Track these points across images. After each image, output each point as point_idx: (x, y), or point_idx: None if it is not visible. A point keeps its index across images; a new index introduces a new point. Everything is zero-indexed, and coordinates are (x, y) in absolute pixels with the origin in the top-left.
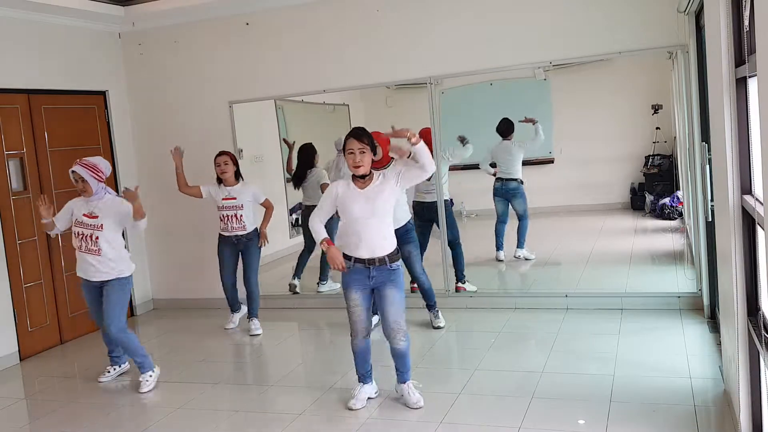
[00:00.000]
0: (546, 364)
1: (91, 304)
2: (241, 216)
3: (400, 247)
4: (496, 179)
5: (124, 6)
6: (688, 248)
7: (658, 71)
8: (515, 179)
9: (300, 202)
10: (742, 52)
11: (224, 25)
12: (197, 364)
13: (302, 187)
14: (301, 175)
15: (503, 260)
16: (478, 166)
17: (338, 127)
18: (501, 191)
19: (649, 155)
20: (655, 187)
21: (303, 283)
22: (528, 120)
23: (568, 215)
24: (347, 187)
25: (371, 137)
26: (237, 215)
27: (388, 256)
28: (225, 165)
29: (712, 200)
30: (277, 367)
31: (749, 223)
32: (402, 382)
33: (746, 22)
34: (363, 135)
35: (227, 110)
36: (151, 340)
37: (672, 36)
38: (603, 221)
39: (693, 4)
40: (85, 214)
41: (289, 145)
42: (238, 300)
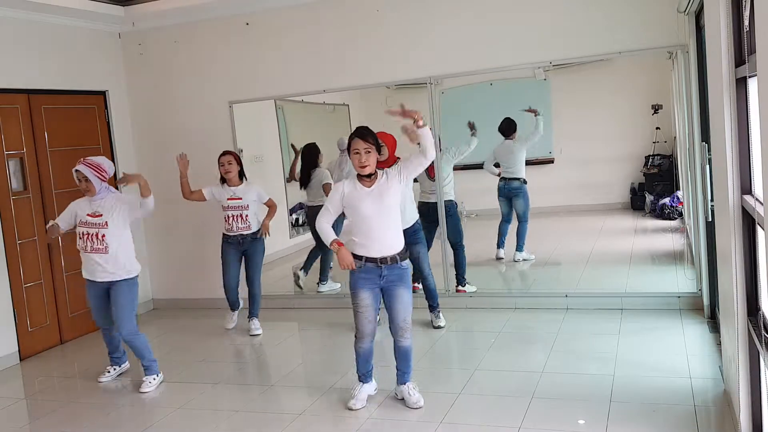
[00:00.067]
0: (546, 364)
1: (96, 305)
2: (246, 216)
3: (408, 247)
4: (500, 179)
5: (124, 6)
6: (688, 248)
7: (658, 71)
8: (518, 179)
9: (300, 202)
10: (742, 52)
11: (224, 25)
12: (197, 364)
13: (306, 187)
14: (306, 176)
15: (503, 258)
16: (478, 166)
17: (338, 127)
18: (504, 191)
19: (649, 155)
20: (655, 187)
21: (303, 283)
22: (531, 110)
23: (568, 215)
24: (354, 187)
25: (376, 137)
26: (242, 215)
27: (398, 255)
28: (229, 165)
29: (712, 200)
30: (277, 367)
31: (749, 223)
32: (402, 383)
33: (746, 22)
34: (368, 135)
35: (227, 110)
36: (152, 340)
37: (672, 36)
38: (603, 221)
39: (693, 4)
40: (89, 214)
41: (296, 151)
42: (239, 299)
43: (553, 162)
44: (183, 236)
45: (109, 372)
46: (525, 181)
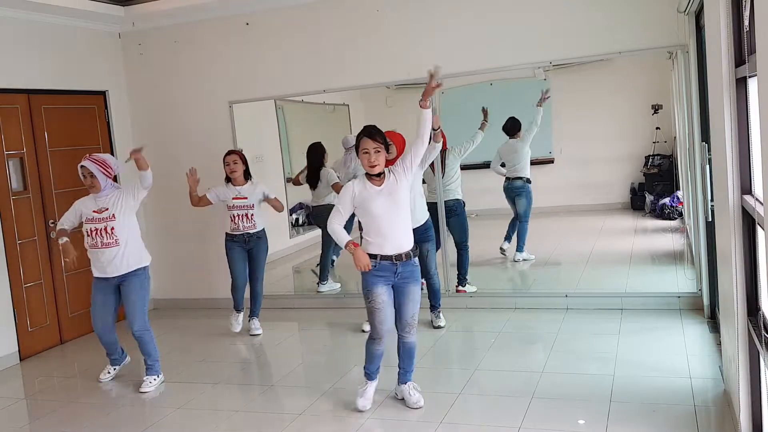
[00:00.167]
0: (546, 364)
1: (102, 303)
2: (252, 215)
3: (418, 245)
4: (505, 179)
5: (124, 6)
6: (688, 248)
7: (658, 71)
8: (520, 178)
9: (300, 202)
10: (742, 52)
11: (224, 25)
12: (197, 364)
13: (315, 188)
14: (314, 176)
15: (505, 250)
16: (478, 166)
17: (338, 127)
18: (507, 190)
19: (649, 155)
20: (655, 187)
21: (303, 283)
22: (545, 98)
23: (568, 215)
24: (364, 187)
25: (384, 136)
26: (248, 215)
27: (411, 251)
28: (234, 164)
29: (712, 200)
30: (277, 368)
31: (749, 223)
32: (403, 382)
33: (746, 22)
34: (377, 134)
35: (227, 110)
36: None
37: (672, 36)
38: (603, 221)
39: (693, 4)
40: (94, 211)
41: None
42: (243, 299)
43: (553, 162)
44: (183, 236)
45: (110, 372)
46: (528, 180)
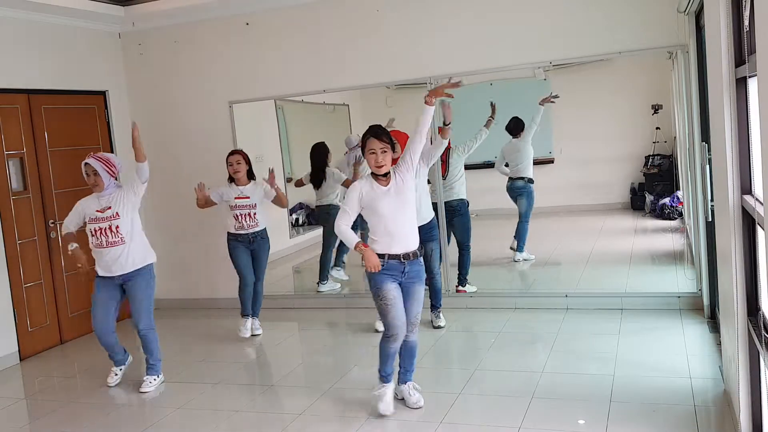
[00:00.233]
0: (546, 364)
1: (104, 303)
2: (255, 215)
3: (423, 244)
4: (508, 179)
5: (124, 6)
6: (688, 248)
7: (658, 71)
8: (522, 178)
9: (300, 202)
10: (742, 52)
11: (224, 25)
12: (197, 364)
13: (320, 188)
14: (318, 176)
15: (513, 249)
16: (478, 166)
17: (338, 127)
18: (510, 190)
19: (649, 155)
20: (655, 187)
21: (303, 283)
22: (553, 97)
23: (568, 215)
24: (371, 187)
25: (390, 136)
26: (250, 214)
27: (418, 250)
28: (237, 164)
29: (712, 200)
30: (277, 368)
31: (749, 223)
32: (404, 382)
33: (746, 22)
34: (383, 134)
35: (227, 110)
36: None
37: (672, 36)
38: (603, 221)
39: (693, 4)
40: (98, 210)
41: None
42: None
43: (553, 162)
44: (183, 236)
45: (116, 375)
46: (530, 180)
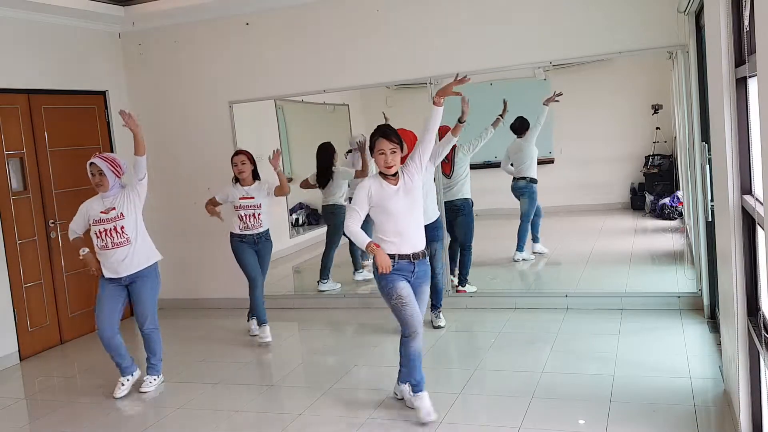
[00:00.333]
0: (546, 364)
1: (109, 305)
2: (259, 215)
3: (428, 243)
4: (512, 178)
5: (124, 6)
6: (688, 248)
7: (658, 71)
8: (524, 178)
9: (300, 202)
10: (742, 52)
11: (224, 25)
12: (197, 364)
13: (325, 187)
14: (326, 175)
15: (542, 253)
16: (479, 166)
17: (338, 127)
18: (513, 189)
19: (649, 155)
20: (655, 187)
21: (303, 283)
22: (557, 95)
23: (568, 215)
24: (380, 186)
25: (399, 135)
26: (255, 214)
27: (425, 249)
28: (242, 165)
29: (712, 200)
30: (277, 368)
31: (749, 223)
32: (404, 382)
33: (746, 22)
34: (392, 134)
35: (227, 110)
36: None
37: (672, 36)
38: (603, 221)
39: (693, 4)
40: (102, 212)
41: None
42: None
43: (553, 162)
44: (183, 236)
45: (123, 384)
46: (532, 180)
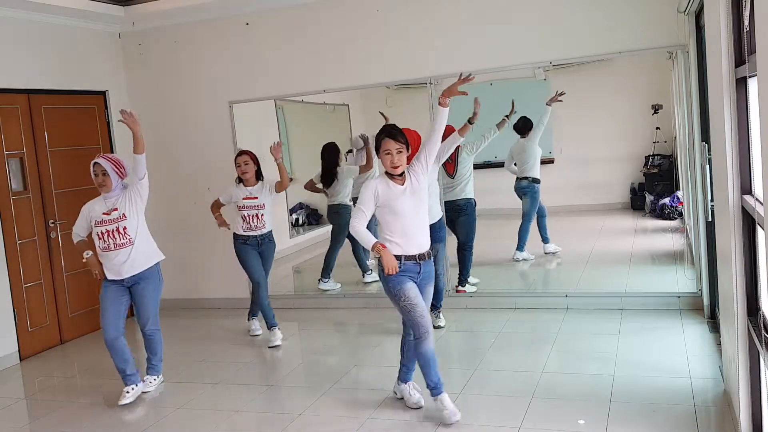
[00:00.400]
0: (546, 364)
1: (114, 308)
2: (262, 215)
3: (431, 244)
4: (515, 178)
5: (124, 6)
6: (688, 248)
7: (658, 71)
8: (526, 177)
9: (300, 202)
10: (742, 52)
11: (224, 25)
12: (197, 364)
13: (330, 187)
14: (331, 175)
15: (552, 253)
16: (479, 166)
17: (338, 127)
18: (516, 189)
19: (649, 155)
20: (655, 187)
21: (303, 283)
22: (560, 95)
23: (568, 215)
24: (387, 186)
25: (405, 135)
26: (258, 215)
27: (431, 250)
28: (245, 165)
29: (712, 200)
30: (277, 368)
31: (749, 223)
32: (404, 381)
33: (746, 22)
34: (398, 134)
35: (227, 110)
36: None
37: (672, 36)
38: (603, 221)
39: (693, 4)
40: (104, 213)
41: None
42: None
43: (553, 162)
44: (182, 236)
45: (129, 393)
46: (534, 180)
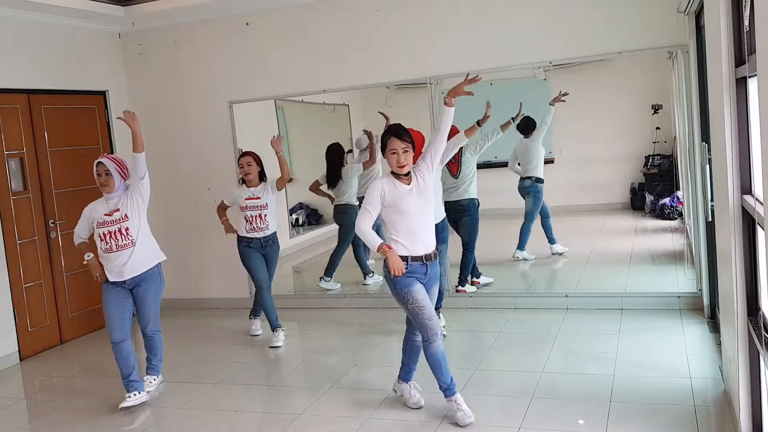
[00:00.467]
0: (546, 364)
1: (119, 311)
2: (265, 215)
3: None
4: (519, 178)
5: (124, 6)
6: (688, 248)
7: (658, 71)
8: (530, 177)
9: (300, 202)
10: (742, 52)
11: (224, 25)
12: (197, 364)
13: (336, 187)
14: (336, 175)
15: (560, 254)
16: (480, 166)
17: (338, 127)
18: (519, 189)
19: (649, 155)
20: (655, 187)
21: (303, 283)
22: (563, 95)
23: (568, 215)
24: (394, 185)
25: (411, 135)
26: (261, 215)
27: (436, 251)
28: (248, 166)
29: (712, 200)
30: (277, 368)
31: (749, 223)
32: (405, 380)
33: (746, 22)
34: (404, 133)
35: (227, 110)
36: None
37: (672, 36)
38: (603, 221)
39: (693, 4)
40: (106, 214)
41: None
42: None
43: (553, 162)
44: (182, 236)
45: (130, 398)
46: (538, 180)
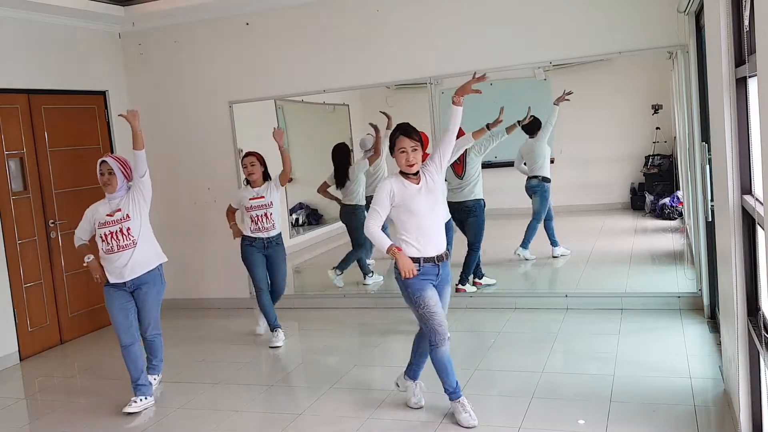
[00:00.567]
0: (546, 364)
1: (124, 314)
2: (271, 214)
3: None
4: (526, 178)
5: (124, 6)
6: (688, 248)
7: (658, 71)
8: (536, 177)
9: (300, 202)
10: (742, 52)
11: (224, 25)
12: (197, 364)
13: (344, 186)
14: (344, 175)
15: (560, 256)
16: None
17: (338, 127)
18: (526, 189)
19: (649, 155)
20: (655, 187)
21: (303, 283)
22: (567, 94)
23: (568, 215)
24: (403, 185)
25: (420, 134)
26: (267, 214)
27: (447, 251)
28: (252, 166)
29: (712, 200)
30: (277, 368)
31: (749, 223)
32: (413, 378)
33: (746, 22)
34: (413, 132)
35: (227, 110)
36: None
37: (672, 36)
38: (603, 221)
39: (693, 4)
40: (108, 214)
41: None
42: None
43: (553, 162)
44: (182, 236)
45: (136, 402)
46: (545, 179)
